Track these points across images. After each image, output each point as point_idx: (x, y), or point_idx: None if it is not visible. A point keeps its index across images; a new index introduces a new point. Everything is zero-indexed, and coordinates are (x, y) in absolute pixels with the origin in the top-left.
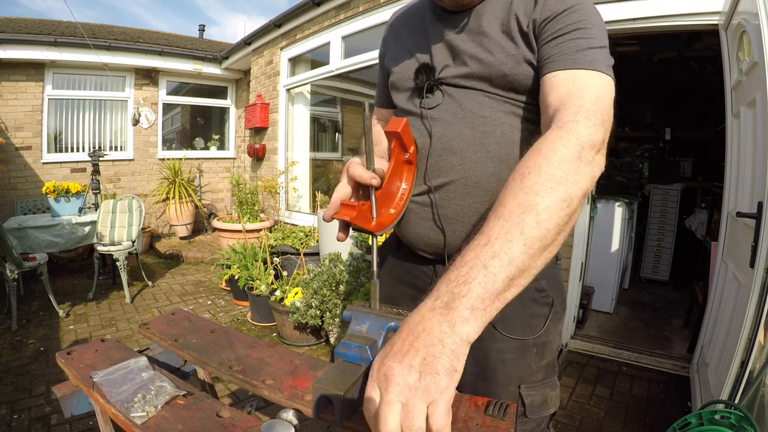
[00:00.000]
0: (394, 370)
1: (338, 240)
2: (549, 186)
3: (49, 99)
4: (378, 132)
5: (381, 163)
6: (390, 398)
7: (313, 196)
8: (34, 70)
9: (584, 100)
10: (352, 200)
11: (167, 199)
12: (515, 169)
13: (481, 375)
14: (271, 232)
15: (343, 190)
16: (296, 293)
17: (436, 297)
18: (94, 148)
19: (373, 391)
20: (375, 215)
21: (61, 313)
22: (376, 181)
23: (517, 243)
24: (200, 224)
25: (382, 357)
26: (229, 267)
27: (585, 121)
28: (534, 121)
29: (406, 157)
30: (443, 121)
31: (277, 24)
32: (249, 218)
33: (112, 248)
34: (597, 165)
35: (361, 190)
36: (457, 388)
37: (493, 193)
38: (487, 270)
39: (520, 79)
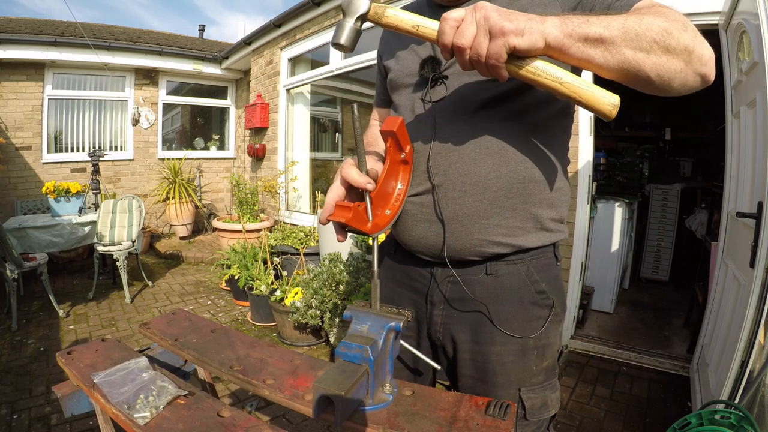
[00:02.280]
0: (487, 7)
1: (338, 241)
2: (656, 17)
3: (49, 99)
4: (376, 132)
5: (378, 165)
6: (471, 20)
7: (313, 196)
8: (34, 70)
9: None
10: (346, 201)
11: (167, 199)
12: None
13: (480, 378)
14: (271, 232)
15: (336, 192)
16: (296, 293)
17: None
18: (94, 148)
19: (457, 13)
20: (370, 217)
21: (61, 313)
22: (371, 186)
23: (619, 22)
24: (200, 224)
25: (482, 5)
26: (229, 267)
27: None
28: (538, 110)
29: (402, 156)
30: (444, 116)
31: (277, 24)
32: (249, 218)
33: (112, 248)
34: (700, 43)
35: (355, 190)
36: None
37: (493, 190)
38: (589, 21)
39: None
